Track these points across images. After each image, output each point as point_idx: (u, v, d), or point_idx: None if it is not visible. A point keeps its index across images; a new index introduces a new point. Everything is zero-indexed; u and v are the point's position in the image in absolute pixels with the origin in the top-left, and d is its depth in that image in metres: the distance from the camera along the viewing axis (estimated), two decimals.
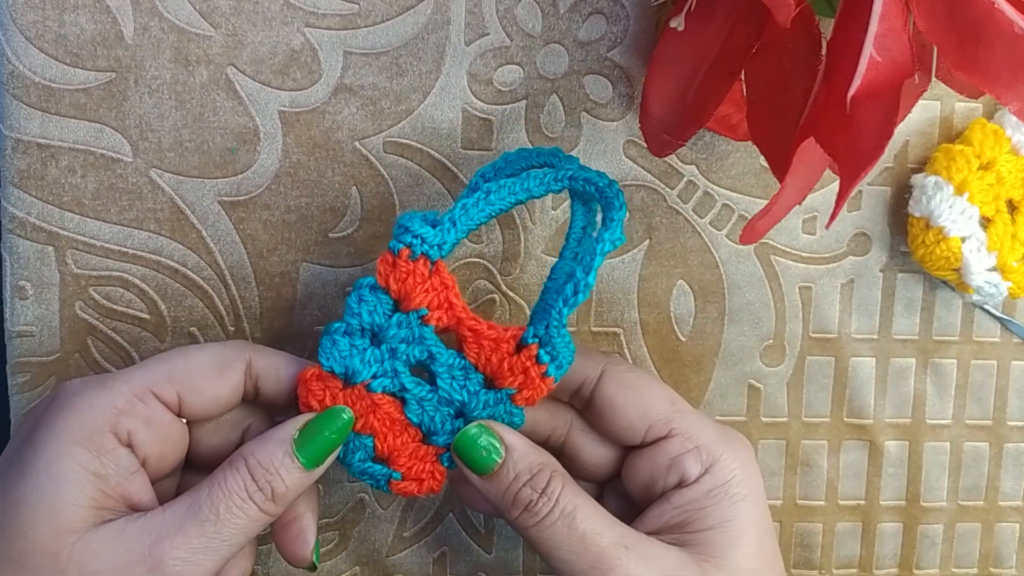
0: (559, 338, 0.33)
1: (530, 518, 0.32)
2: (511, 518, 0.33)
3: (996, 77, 0.23)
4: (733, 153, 0.40)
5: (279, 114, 0.37)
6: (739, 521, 0.33)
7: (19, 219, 0.37)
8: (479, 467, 0.33)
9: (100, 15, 0.36)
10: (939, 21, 0.24)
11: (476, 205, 0.33)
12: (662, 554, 0.32)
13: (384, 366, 0.33)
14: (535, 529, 0.32)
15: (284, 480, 0.31)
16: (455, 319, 0.33)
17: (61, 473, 0.30)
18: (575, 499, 0.33)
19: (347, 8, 0.37)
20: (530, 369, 0.33)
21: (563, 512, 0.32)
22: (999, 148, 0.39)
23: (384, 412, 0.33)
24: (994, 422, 0.43)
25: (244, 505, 0.31)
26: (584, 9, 0.38)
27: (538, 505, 0.32)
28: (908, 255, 0.41)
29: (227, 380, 0.33)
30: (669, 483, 0.34)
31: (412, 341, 0.33)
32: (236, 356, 0.33)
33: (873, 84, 0.24)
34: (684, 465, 0.34)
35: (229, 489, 0.31)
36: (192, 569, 0.30)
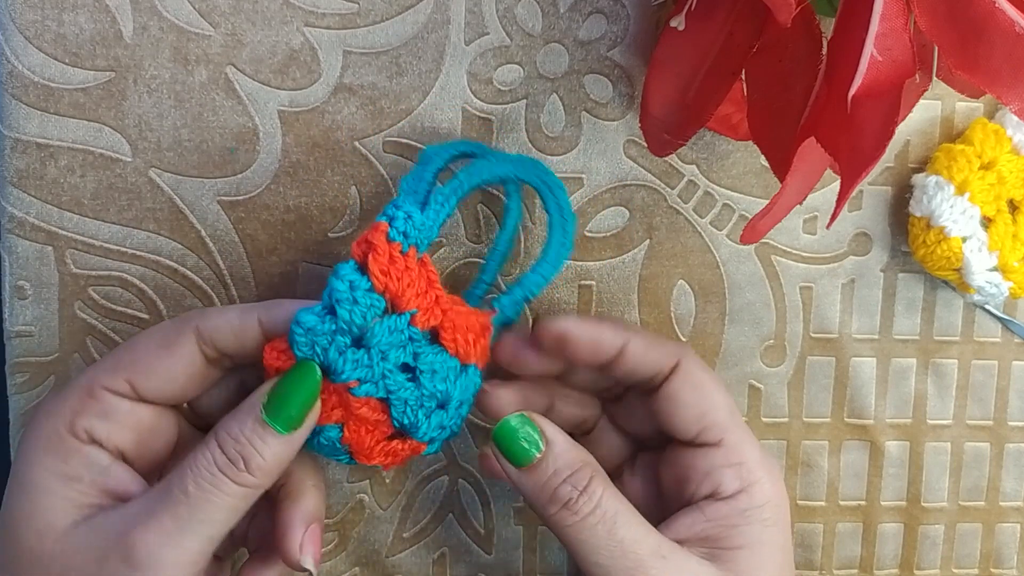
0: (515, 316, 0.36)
1: (569, 516, 0.32)
2: (547, 514, 0.32)
3: (997, 76, 0.23)
4: (734, 153, 0.40)
5: (278, 114, 0.37)
6: (768, 546, 0.33)
7: (18, 219, 0.36)
8: (518, 459, 0.32)
9: (99, 14, 0.36)
10: (940, 20, 0.24)
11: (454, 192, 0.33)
12: (696, 568, 0.32)
13: (373, 371, 0.31)
14: (573, 528, 0.32)
15: (258, 449, 0.30)
16: (440, 314, 0.32)
17: (33, 482, 0.30)
18: (616, 503, 0.32)
19: (347, 7, 0.37)
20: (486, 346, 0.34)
21: (604, 515, 0.32)
22: (1000, 148, 0.39)
23: (359, 415, 0.32)
24: (995, 422, 0.43)
25: (215, 479, 0.30)
26: (584, 8, 0.38)
27: (578, 504, 0.32)
28: (909, 255, 0.41)
29: (176, 354, 0.32)
30: (701, 491, 0.34)
31: (399, 345, 0.32)
32: (182, 328, 0.32)
33: (874, 84, 0.24)
34: (722, 478, 0.34)
35: (197, 466, 0.30)
36: (169, 552, 0.29)
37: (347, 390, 0.31)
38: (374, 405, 0.32)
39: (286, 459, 0.31)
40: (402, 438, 0.33)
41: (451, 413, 0.33)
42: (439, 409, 0.33)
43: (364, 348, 0.31)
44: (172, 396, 0.33)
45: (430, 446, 0.34)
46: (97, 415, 0.31)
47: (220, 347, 0.32)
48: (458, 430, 0.34)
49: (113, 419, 0.31)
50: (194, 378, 0.33)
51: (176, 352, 0.32)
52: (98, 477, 0.31)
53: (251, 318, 0.32)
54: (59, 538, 0.30)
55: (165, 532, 0.29)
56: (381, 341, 0.31)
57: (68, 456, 0.31)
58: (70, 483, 0.30)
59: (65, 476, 0.30)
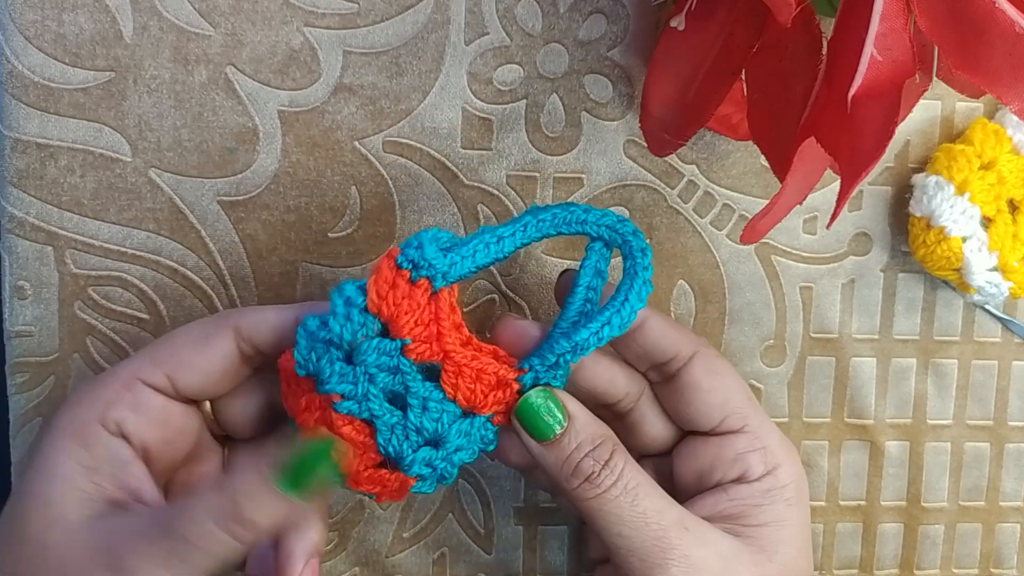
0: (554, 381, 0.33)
1: (591, 490, 0.32)
2: (569, 488, 0.32)
3: (997, 76, 0.23)
4: (733, 153, 0.40)
5: (278, 114, 0.37)
6: (791, 524, 0.34)
7: (18, 219, 0.36)
8: (540, 433, 0.32)
9: (99, 14, 0.36)
10: (940, 20, 0.24)
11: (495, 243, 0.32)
12: (719, 539, 0.32)
13: (357, 388, 0.31)
14: (595, 502, 0.32)
15: (257, 507, 0.29)
16: (440, 353, 0.32)
17: (53, 467, 0.30)
18: (637, 475, 0.32)
19: (347, 7, 0.37)
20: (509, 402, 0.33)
21: (626, 487, 0.32)
22: (1000, 148, 0.39)
23: (342, 434, 0.31)
24: (995, 422, 0.43)
25: (209, 528, 0.29)
26: (584, 8, 0.38)
27: (600, 477, 0.32)
28: (909, 255, 0.41)
29: (214, 349, 0.32)
30: (728, 476, 0.34)
31: (388, 371, 0.31)
32: (220, 324, 0.33)
33: (874, 84, 0.24)
34: (749, 463, 0.34)
35: (197, 510, 0.29)
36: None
37: (330, 405, 0.31)
38: (359, 427, 0.31)
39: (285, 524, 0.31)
40: (391, 468, 0.32)
41: (443, 455, 0.32)
42: (428, 446, 0.32)
43: (353, 365, 0.31)
44: (207, 391, 0.33)
45: (420, 483, 0.32)
46: (130, 407, 0.31)
47: (257, 344, 0.33)
48: (451, 476, 0.33)
49: (144, 413, 0.32)
50: (228, 374, 0.33)
51: (214, 347, 0.32)
52: (117, 471, 0.31)
53: (288, 318, 0.33)
54: (66, 530, 0.30)
55: (154, 562, 0.29)
56: (367, 361, 0.31)
57: (93, 445, 0.31)
58: (89, 474, 0.30)
59: (85, 466, 0.31)
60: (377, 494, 0.33)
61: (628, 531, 0.32)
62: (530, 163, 0.39)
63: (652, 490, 0.32)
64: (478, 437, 0.32)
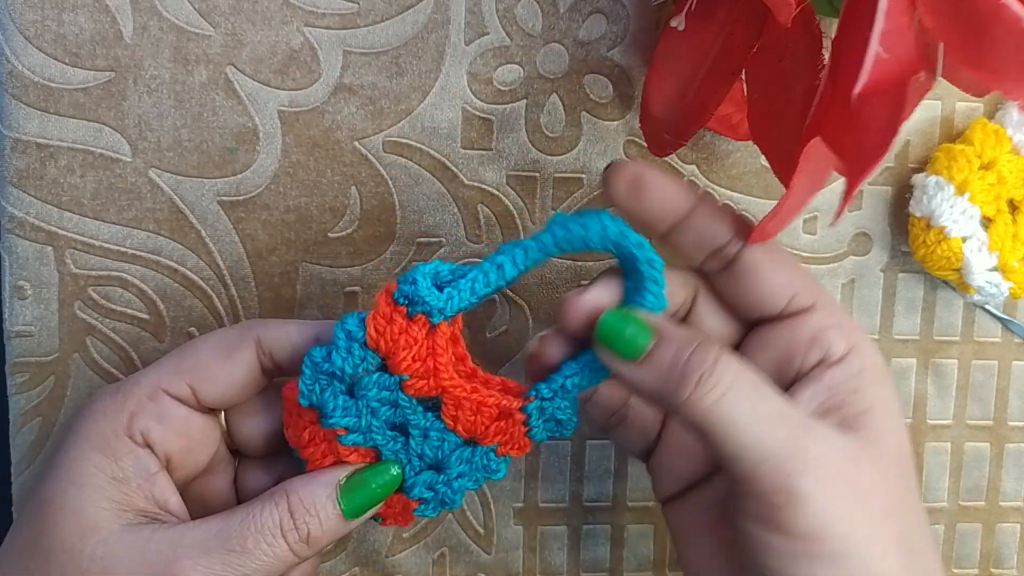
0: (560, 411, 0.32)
1: (707, 394, 0.28)
2: (680, 399, 0.28)
3: (1003, 72, 0.23)
4: (734, 153, 0.40)
5: (278, 114, 0.37)
6: (891, 404, 0.31)
7: (18, 219, 0.36)
8: (632, 349, 0.29)
9: (99, 14, 0.36)
10: (945, 17, 0.24)
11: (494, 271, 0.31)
12: (837, 439, 0.29)
13: (360, 421, 0.31)
14: (715, 407, 0.28)
15: (322, 524, 0.30)
16: (438, 388, 0.31)
17: (82, 478, 0.30)
18: (751, 372, 0.29)
19: (347, 7, 0.37)
20: (514, 432, 0.32)
21: (745, 386, 0.28)
22: (1000, 148, 0.39)
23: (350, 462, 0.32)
24: (995, 422, 0.43)
25: (274, 542, 0.30)
26: (584, 8, 0.38)
27: (714, 376, 0.28)
28: (909, 255, 0.41)
29: (238, 361, 0.32)
30: (809, 360, 0.31)
31: (388, 403, 0.31)
32: (243, 336, 0.33)
33: (879, 82, 0.24)
34: (829, 340, 0.31)
35: (263, 523, 0.30)
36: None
37: (335, 437, 0.31)
38: (364, 452, 0.32)
39: (334, 540, 0.32)
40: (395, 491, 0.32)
41: (445, 479, 0.32)
42: (431, 470, 0.32)
43: (355, 398, 0.31)
44: (227, 402, 0.33)
45: (423, 507, 0.33)
46: (155, 418, 0.31)
47: (277, 359, 0.33)
48: (453, 502, 0.33)
49: (168, 424, 0.32)
50: (249, 385, 0.33)
51: (237, 359, 0.32)
52: (143, 483, 0.31)
53: (310, 335, 0.33)
54: (103, 540, 0.30)
55: (211, 573, 0.29)
56: (368, 395, 0.31)
57: (120, 457, 0.31)
58: (117, 485, 0.31)
59: (114, 477, 0.31)
60: (382, 517, 0.33)
61: (756, 435, 0.28)
62: (530, 163, 0.39)
63: (771, 388, 0.29)
64: (480, 466, 0.32)
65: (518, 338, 0.40)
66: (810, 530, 0.28)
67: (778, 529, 0.28)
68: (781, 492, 0.28)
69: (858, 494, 0.29)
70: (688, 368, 0.28)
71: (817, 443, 0.28)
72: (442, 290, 0.31)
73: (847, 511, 0.28)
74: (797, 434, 0.28)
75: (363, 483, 0.31)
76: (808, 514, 0.28)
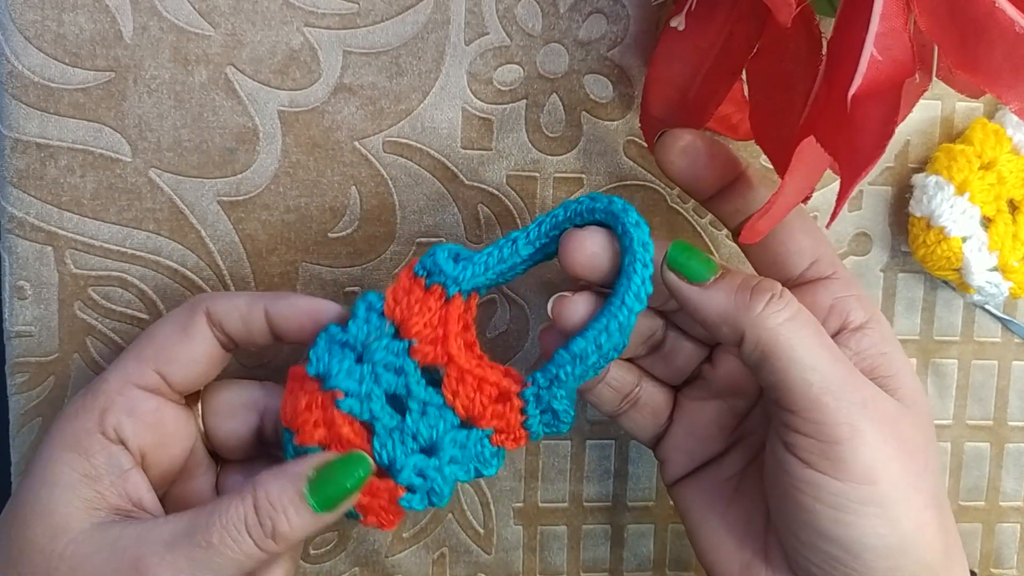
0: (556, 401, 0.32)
1: (780, 313, 0.29)
2: (752, 315, 0.29)
3: (997, 76, 0.23)
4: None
5: (278, 114, 0.37)
6: (912, 372, 0.32)
7: (18, 219, 0.36)
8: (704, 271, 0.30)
9: (99, 15, 0.36)
10: (940, 20, 0.24)
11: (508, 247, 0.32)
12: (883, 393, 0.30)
13: (361, 388, 0.31)
14: (787, 327, 0.29)
15: (289, 520, 0.30)
16: (445, 356, 0.32)
17: (53, 477, 0.30)
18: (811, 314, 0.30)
19: (347, 7, 0.37)
20: (511, 419, 0.32)
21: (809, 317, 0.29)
22: (1000, 148, 0.39)
23: (341, 434, 0.31)
24: (995, 422, 0.43)
25: (239, 538, 0.29)
26: (584, 8, 0.38)
27: (783, 299, 0.29)
28: (909, 255, 0.41)
29: (195, 336, 0.32)
30: (829, 327, 0.32)
31: (393, 370, 0.32)
32: (193, 311, 0.33)
33: (874, 83, 0.24)
34: (848, 308, 0.32)
35: (228, 519, 0.29)
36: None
37: (333, 403, 0.31)
38: (357, 430, 0.31)
39: (307, 536, 0.31)
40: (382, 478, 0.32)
41: (435, 464, 0.31)
42: (422, 454, 0.32)
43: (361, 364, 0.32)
44: (197, 381, 0.33)
45: (410, 496, 0.31)
46: (126, 412, 0.32)
47: (228, 332, 0.33)
48: (442, 491, 0.32)
49: (140, 417, 0.32)
50: (213, 359, 0.33)
51: (194, 336, 0.33)
52: (117, 479, 0.31)
53: (258, 307, 0.33)
54: (73, 539, 0.30)
55: (178, 570, 0.29)
56: (374, 357, 0.31)
57: (92, 454, 0.31)
58: (90, 482, 0.31)
59: (86, 475, 0.31)
60: (365, 511, 0.32)
61: (822, 363, 0.28)
62: (530, 163, 0.39)
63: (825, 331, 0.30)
64: (473, 453, 0.32)
65: (518, 338, 0.40)
66: (863, 471, 0.28)
67: (833, 467, 0.28)
68: (842, 426, 0.28)
69: (904, 444, 0.29)
70: (759, 288, 0.29)
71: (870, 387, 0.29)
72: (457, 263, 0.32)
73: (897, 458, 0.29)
74: (855, 373, 0.29)
75: (333, 475, 0.30)
76: (864, 453, 0.28)
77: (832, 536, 0.29)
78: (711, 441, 0.36)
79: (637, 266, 0.30)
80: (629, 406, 0.36)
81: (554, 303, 0.32)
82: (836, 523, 0.29)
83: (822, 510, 0.29)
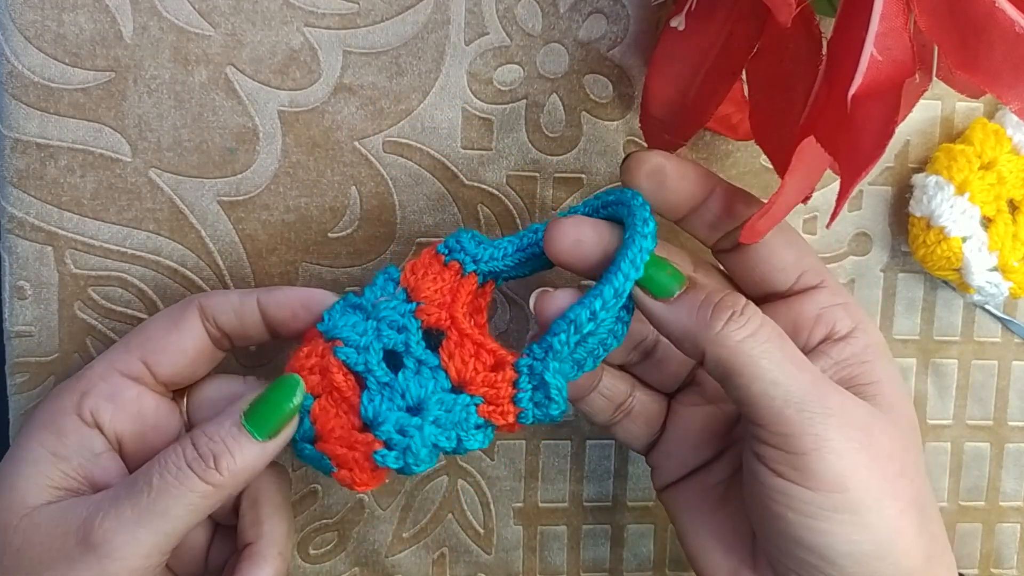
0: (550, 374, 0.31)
1: (738, 330, 0.29)
2: (712, 333, 0.29)
3: (997, 76, 0.23)
4: (734, 153, 0.40)
5: (278, 114, 0.37)
6: (897, 379, 0.32)
7: (18, 219, 0.36)
8: (668, 286, 0.30)
9: (99, 15, 0.36)
10: (940, 20, 0.24)
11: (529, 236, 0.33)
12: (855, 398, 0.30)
13: (361, 339, 0.32)
14: (744, 345, 0.29)
15: (231, 450, 0.30)
16: (449, 319, 0.32)
17: (23, 454, 0.31)
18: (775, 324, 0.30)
19: (347, 7, 0.37)
20: (501, 391, 0.32)
21: (772, 331, 0.29)
22: (1000, 148, 0.39)
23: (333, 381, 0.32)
24: (995, 422, 0.43)
25: (180, 473, 0.29)
26: (584, 8, 0.38)
27: (745, 316, 0.29)
28: (909, 255, 0.41)
29: (185, 330, 0.33)
30: (814, 337, 0.32)
31: (396, 328, 0.32)
32: (187, 306, 0.33)
33: (874, 83, 0.24)
34: (835, 318, 0.32)
35: (166, 459, 0.30)
36: (125, 541, 0.29)
37: (331, 351, 0.32)
38: (350, 382, 0.32)
39: (256, 468, 0.31)
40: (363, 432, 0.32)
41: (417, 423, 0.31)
42: (407, 412, 0.31)
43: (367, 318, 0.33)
44: (184, 375, 0.33)
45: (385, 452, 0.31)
46: (105, 396, 0.32)
47: (221, 326, 0.33)
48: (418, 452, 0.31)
49: (120, 404, 0.32)
50: (203, 354, 0.33)
51: (184, 329, 0.33)
52: (86, 462, 0.31)
53: (251, 300, 0.33)
54: (28, 514, 0.30)
55: (123, 519, 0.29)
56: (380, 315, 0.32)
57: (65, 434, 0.31)
58: (56, 461, 0.31)
59: (55, 454, 0.31)
60: (339, 462, 0.32)
61: (784, 377, 0.28)
62: (530, 163, 0.39)
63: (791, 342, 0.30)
64: (458, 419, 0.31)
65: (518, 338, 0.40)
66: (832, 479, 0.28)
67: (802, 477, 0.28)
68: (806, 436, 0.28)
69: (877, 451, 0.29)
70: (720, 306, 0.29)
71: (838, 395, 0.29)
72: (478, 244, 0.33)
73: (867, 465, 0.29)
74: (821, 383, 0.29)
75: (268, 399, 0.31)
76: (831, 461, 0.28)
77: (807, 544, 0.29)
78: (703, 447, 0.36)
79: (636, 237, 0.31)
80: (623, 416, 0.36)
81: (536, 297, 0.32)
82: (810, 531, 0.29)
83: (795, 518, 0.29)
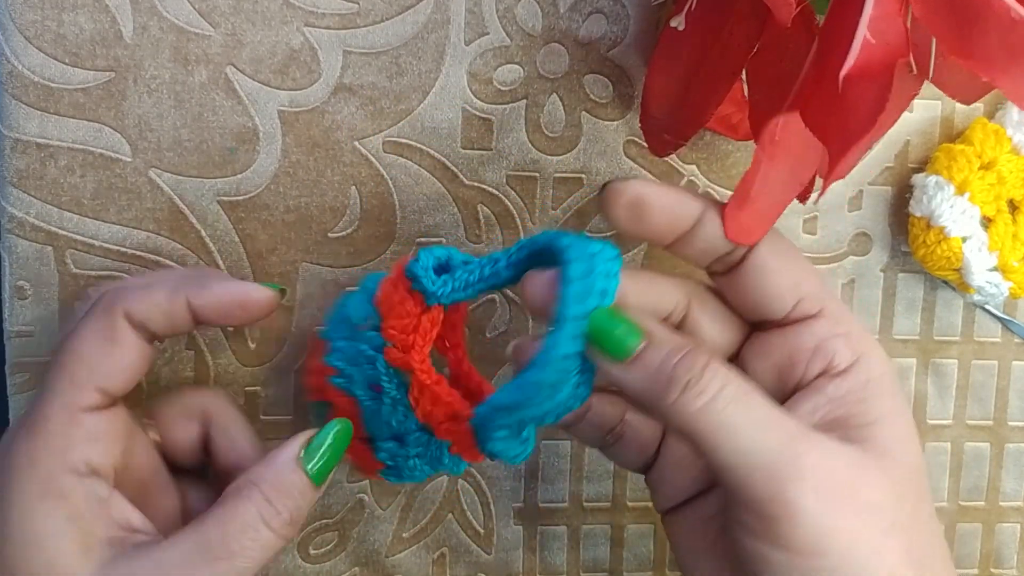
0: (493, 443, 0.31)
1: (695, 399, 0.27)
2: (667, 403, 0.27)
3: (992, 62, 0.23)
4: (734, 153, 0.40)
5: (278, 114, 0.37)
6: (901, 416, 0.30)
7: (18, 219, 0.36)
8: (621, 350, 0.28)
9: (99, 14, 0.36)
10: (935, 6, 0.24)
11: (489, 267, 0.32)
12: (839, 449, 0.28)
13: (346, 370, 0.33)
14: (702, 413, 0.27)
15: (298, 499, 0.30)
16: (408, 366, 0.32)
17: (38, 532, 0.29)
18: (742, 380, 0.28)
19: (347, 7, 0.37)
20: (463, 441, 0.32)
21: (736, 392, 0.27)
22: (1000, 148, 0.39)
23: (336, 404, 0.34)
24: (995, 422, 0.43)
25: (257, 536, 0.29)
26: (584, 8, 0.38)
27: (703, 382, 0.27)
28: (909, 255, 0.41)
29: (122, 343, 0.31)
30: (812, 370, 0.30)
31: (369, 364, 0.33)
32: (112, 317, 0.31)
33: (866, 65, 0.24)
34: (833, 350, 0.30)
35: (243, 521, 0.29)
36: None
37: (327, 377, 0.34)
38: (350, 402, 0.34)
39: None
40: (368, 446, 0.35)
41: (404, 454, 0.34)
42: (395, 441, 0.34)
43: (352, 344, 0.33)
44: (132, 382, 0.32)
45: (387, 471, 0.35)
46: (86, 441, 0.30)
47: (152, 330, 0.32)
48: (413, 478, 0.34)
49: (100, 440, 0.31)
50: (145, 358, 0.32)
51: (121, 343, 0.31)
52: (100, 509, 0.30)
53: (180, 301, 0.32)
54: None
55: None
56: (358, 346, 0.33)
57: (68, 494, 0.29)
58: (76, 523, 0.29)
59: (69, 517, 0.29)
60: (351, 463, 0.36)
61: (748, 443, 0.27)
62: (530, 163, 0.39)
63: (763, 396, 0.28)
64: (436, 455, 0.33)
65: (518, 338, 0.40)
66: (809, 544, 0.27)
67: (776, 543, 0.27)
68: (775, 502, 0.27)
69: (861, 507, 0.27)
70: (676, 372, 0.27)
71: (814, 452, 0.27)
72: (439, 276, 0.32)
73: (849, 524, 0.27)
74: (791, 442, 0.27)
75: (319, 446, 0.31)
76: (806, 526, 0.27)
77: None
78: (697, 475, 0.34)
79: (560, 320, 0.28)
80: (614, 440, 0.35)
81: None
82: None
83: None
